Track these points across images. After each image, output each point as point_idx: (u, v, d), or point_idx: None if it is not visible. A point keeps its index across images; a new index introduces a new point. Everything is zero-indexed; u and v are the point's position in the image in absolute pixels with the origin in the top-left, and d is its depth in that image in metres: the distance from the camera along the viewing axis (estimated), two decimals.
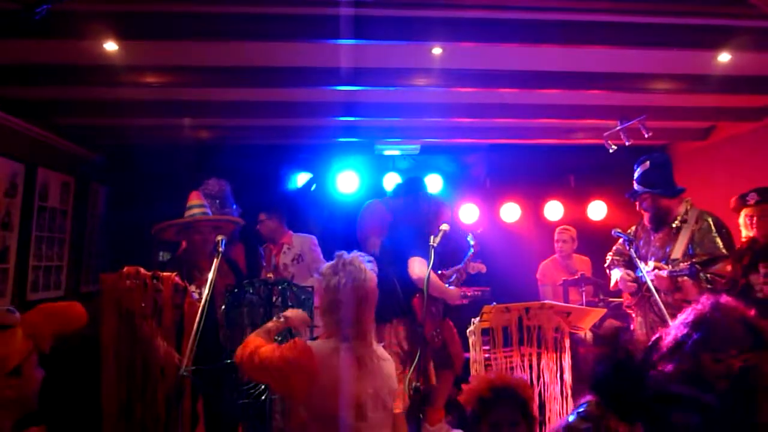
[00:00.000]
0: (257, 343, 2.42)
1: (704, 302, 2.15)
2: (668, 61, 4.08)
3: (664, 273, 3.44)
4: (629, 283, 3.73)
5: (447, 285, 4.00)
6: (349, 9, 3.21)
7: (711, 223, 3.57)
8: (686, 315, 2.16)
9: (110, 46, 3.45)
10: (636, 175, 3.87)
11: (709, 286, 3.38)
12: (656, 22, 3.50)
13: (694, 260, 3.46)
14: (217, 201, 4.63)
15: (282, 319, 2.73)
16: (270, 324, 2.69)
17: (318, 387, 2.31)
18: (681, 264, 3.46)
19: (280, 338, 2.93)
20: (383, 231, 5.15)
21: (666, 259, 3.60)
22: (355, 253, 2.56)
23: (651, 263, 3.64)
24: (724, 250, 3.49)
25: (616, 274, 3.89)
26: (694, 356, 2.00)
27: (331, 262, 2.54)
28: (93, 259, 5.87)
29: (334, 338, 2.42)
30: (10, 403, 1.92)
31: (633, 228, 3.99)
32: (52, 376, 2.20)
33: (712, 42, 3.64)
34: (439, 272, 4.10)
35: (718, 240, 3.52)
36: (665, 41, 3.61)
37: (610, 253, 4.10)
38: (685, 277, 3.40)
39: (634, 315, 3.83)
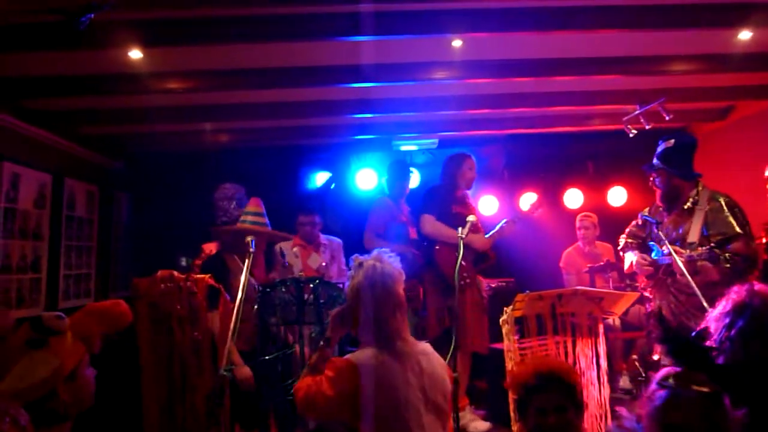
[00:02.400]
0: (305, 386, 2.29)
1: (738, 291, 2.11)
2: (686, 41, 4.05)
3: (680, 258, 3.42)
4: (645, 267, 3.73)
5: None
6: (367, 5, 3.24)
7: (723, 203, 3.55)
8: (721, 306, 2.12)
9: (134, 54, 3.50)
10: (658, 150, 3.87)
11: (728, 265, 3.34)
12: (673, 2, 3.49)
13: (712, 243, 3.43)
14: (234, 203, 4.66)
15: (322, 344, 2.51)
16: (313, 357, 2.46)
17: (369, 401, 2.20)
18: (699, 248, 3.43)
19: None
20: (401, 224, 5.16)
21: (680, 241, 3.59)
22: (374, 253, 2.45)
23: (666, 246, 3.64)
24: (738, 229, 3.46)
25: (630, 257, 3.89)
26: (743, 344, 1.97)
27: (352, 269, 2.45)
28: (119, 265, 5.95)
29: (370, 345, 2.32)
30: (67, 406, 1.96)
31: (646, 210, 4.01)
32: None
33: (731, 20, 3.61)
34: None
35: (731, 219, 3.49)
36: (683, 21, 3.59)
37: (623, 236, 4.11)
38: (702, 260, 3.37)
39: (651, 297, 3.83)
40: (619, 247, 4.12)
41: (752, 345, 1.96)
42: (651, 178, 3.86)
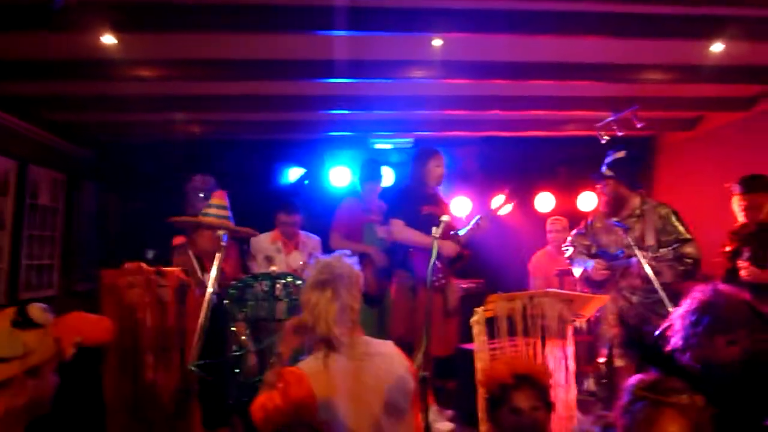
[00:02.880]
0: (260, 404, 2.18)
1: (703, 290, 2.21)
2: (661, 51, 4.12)
3: (644, 260, 3.51)
4: (602, 272, 3.85)
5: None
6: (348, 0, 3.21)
7: (669, 211, 3.85)
8: (687, 305, 2.21)
9: (107, 39, 3.40)
10: (608, 159, 4.03)
11: (682, 268, 3.63)
12: (650, 12, 3.55)
13: (671, 246, 3.66)
14: (202, 195, 4.58)
15: (274, 360, 2.41)
16: (268, 374, 2.35)
17: (322, 407, 2.13)
18: (661, 250, 3.65)
19: None
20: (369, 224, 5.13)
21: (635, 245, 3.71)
22: (334, 253, 2.38)
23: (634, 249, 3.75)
24: (687, 234, 3.75)
25: (584, 264, 3.98)
26: (709, 340, 2.06)
27: None
28: (84, 257, 5.81)
29: (319, 350, 2.24)
30: (23, 405, 1.88)
31: (590, 218, 4.13)
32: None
33: (704, 32, 3.69)
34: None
35: (679, 225, 3.78)
36: (658, 31, 3.66)
37: (570, 246, 4.19)
38: (662, 262, 3.59)
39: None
40: (567, 255, 4.20)
41: (717, 341, 2.06)
42: (598, 186, 4.07)
